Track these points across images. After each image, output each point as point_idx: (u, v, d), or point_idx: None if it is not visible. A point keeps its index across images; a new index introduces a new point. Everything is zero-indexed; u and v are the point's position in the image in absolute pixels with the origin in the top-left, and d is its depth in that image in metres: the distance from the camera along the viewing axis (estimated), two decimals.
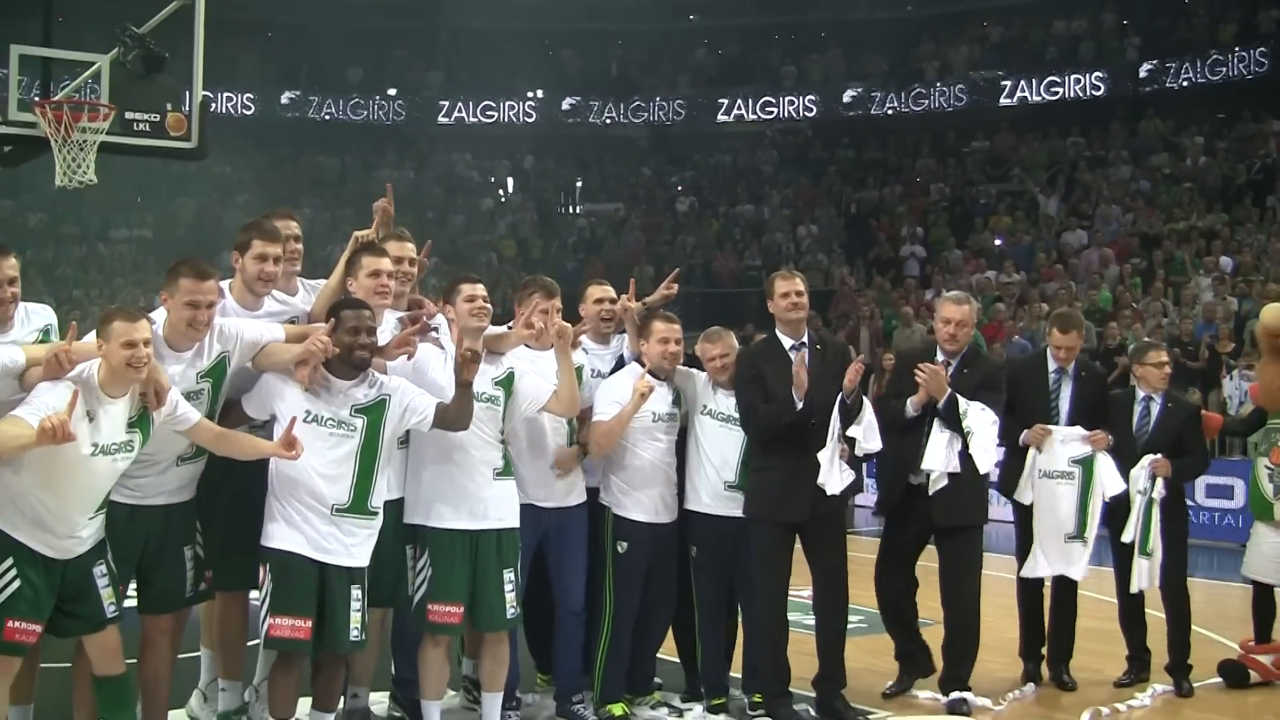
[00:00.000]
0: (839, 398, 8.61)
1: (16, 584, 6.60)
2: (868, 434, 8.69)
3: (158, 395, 6.75)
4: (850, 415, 8.66)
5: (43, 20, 10.33)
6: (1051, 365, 9.74)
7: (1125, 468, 9.49)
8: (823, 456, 8.54)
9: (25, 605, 6.61)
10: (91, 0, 10.67)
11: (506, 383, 7.97)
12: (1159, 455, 9.48)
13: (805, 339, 8.86)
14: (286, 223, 8.09)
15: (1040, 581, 9.82)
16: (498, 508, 7.91)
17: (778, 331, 8.90)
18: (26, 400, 6.50)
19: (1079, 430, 9.54)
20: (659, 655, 9.15)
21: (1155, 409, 9.72)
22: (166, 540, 7.34)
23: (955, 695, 9.18)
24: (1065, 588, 9.82)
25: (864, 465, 9.27)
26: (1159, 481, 9.46)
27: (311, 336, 7.26)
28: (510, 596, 7.90)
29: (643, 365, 8.65)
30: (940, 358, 9.24)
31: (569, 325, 8.06)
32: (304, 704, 7.57)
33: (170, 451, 7.20)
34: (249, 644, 7.96)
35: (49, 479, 6.56)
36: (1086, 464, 9.49)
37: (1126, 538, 9.50)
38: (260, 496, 7.36)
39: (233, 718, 8.01)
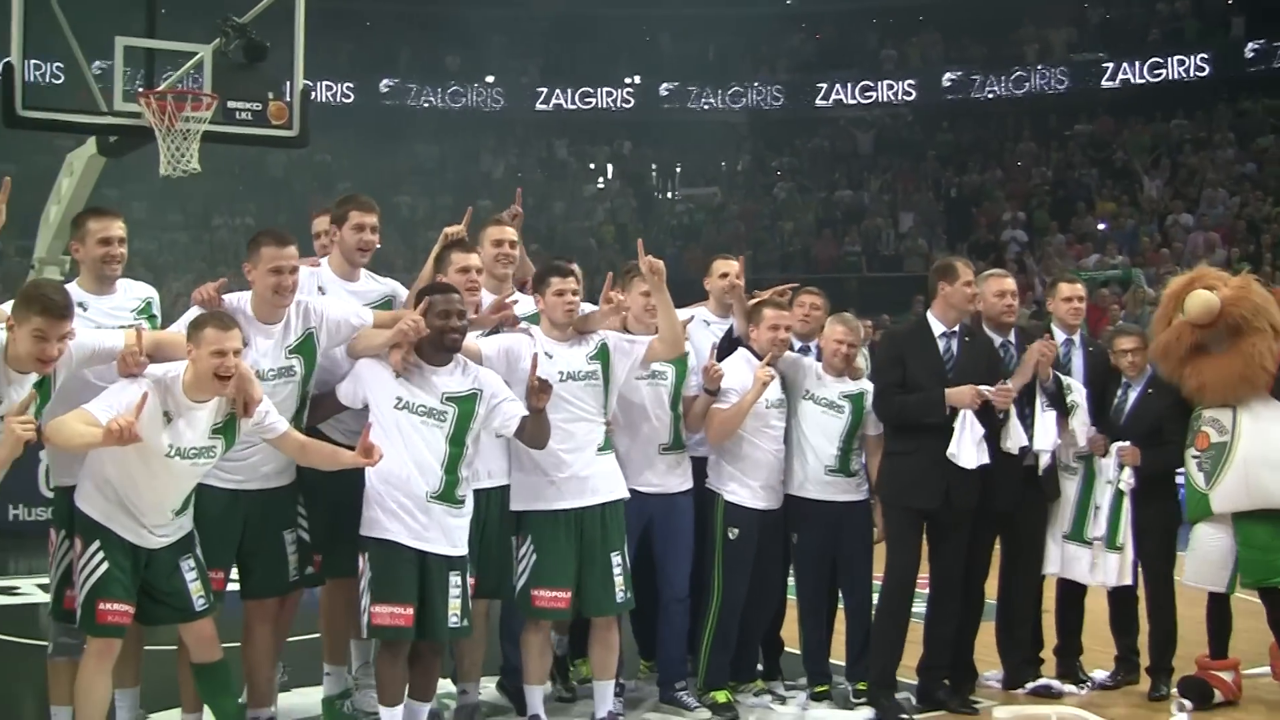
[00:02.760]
0: (1038, 382, 8.75)
1: (105, 566, 6.68)
2: (1015, 432, 8.67)
3: (247, 406, 6.78)
4: (1058, 399, 8.81)
5: (146, 12, 10.41)
6: (1061, 336, 9.37)
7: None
8: (957, 428, 8.47)
9: (116, 588, 6.68)
10: None
11: (602, 354, 8.00)
12: (1128, 443, 9.09)
13: (957, 329, 8.80)
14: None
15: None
16: (602, 482, 7.93)
17: (929, 315, 8.83)
18: (102, 394, 6.59)
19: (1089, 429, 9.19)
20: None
21: (1133, 394, 9.28)
22: (266, 525, 7.40)
23: (1041, 682, 9.16)
24: (1071, 588, 9.47)
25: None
26: (1127, 471, 9.05)
27: (403, 319, 7.29)
28: (619, 580, 7.89)
29: (749, 349, 8.64)
30: (997, 337, 9.02)
31: (660, 261, 8.01)
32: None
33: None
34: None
35: (130, 474, 6.64)
36: (1088, 461, 9.17)
37: (1095, 532, 9.09)
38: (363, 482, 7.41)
39: (336, 702, 8.08)
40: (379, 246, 8.05)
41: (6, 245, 25.00)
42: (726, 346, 8.85)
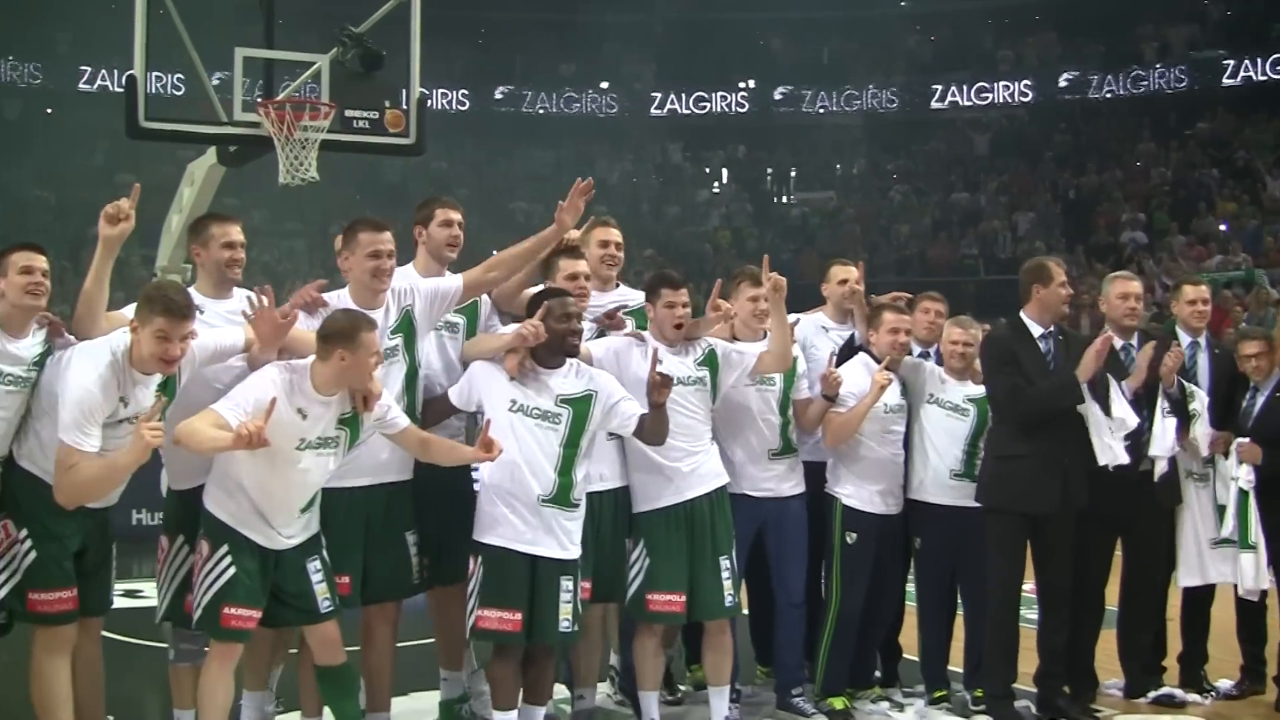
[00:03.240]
0: (1161, 388, 8.70)
1: (232, 571, 6.72)
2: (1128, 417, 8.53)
3: (367, 400, 6.85)
4: (1180, 407, 8.73)
5: (264, 23, 10.51)
6: (1186, 339, 9.20)
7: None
8: (1097, 426, 8.37)
9: (242, 592, 6.73)
10: (311, 2, 10.86)
11: (710, 361, 8.01)
12: (1247, 440, 8.87)
13: (1053, 329, 8.71)
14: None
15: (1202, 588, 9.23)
16: (707, 472, 7.95)
17: (1024, 317, 8.73)
18: (230, 394, 6.66)
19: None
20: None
21: (1261, 398, 9.03)
22: (387, 526, 7.47)
23: (1164, 690, 9.04)
24: (1196, 594, 9.26)
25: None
26: (1246, 468, 8.83)
27: (523, 323, 7.33)
28: (727, 584, 7.89)
29: (869, 353, 8.62)
30: (1119, 340, 8.88)
31: (783, 278, 7.98)
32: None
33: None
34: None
35: (260, 472, 6.69)
36: (1213, 463, 8.99)
37: (1225, 532, 8.88)
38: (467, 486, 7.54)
39: (454, 706, 8.12)
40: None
41: (130, 253, 25.35)
42: (846, 353, 8.82)
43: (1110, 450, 8.33)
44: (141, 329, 6.54)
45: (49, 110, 36.11)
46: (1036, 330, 8.65)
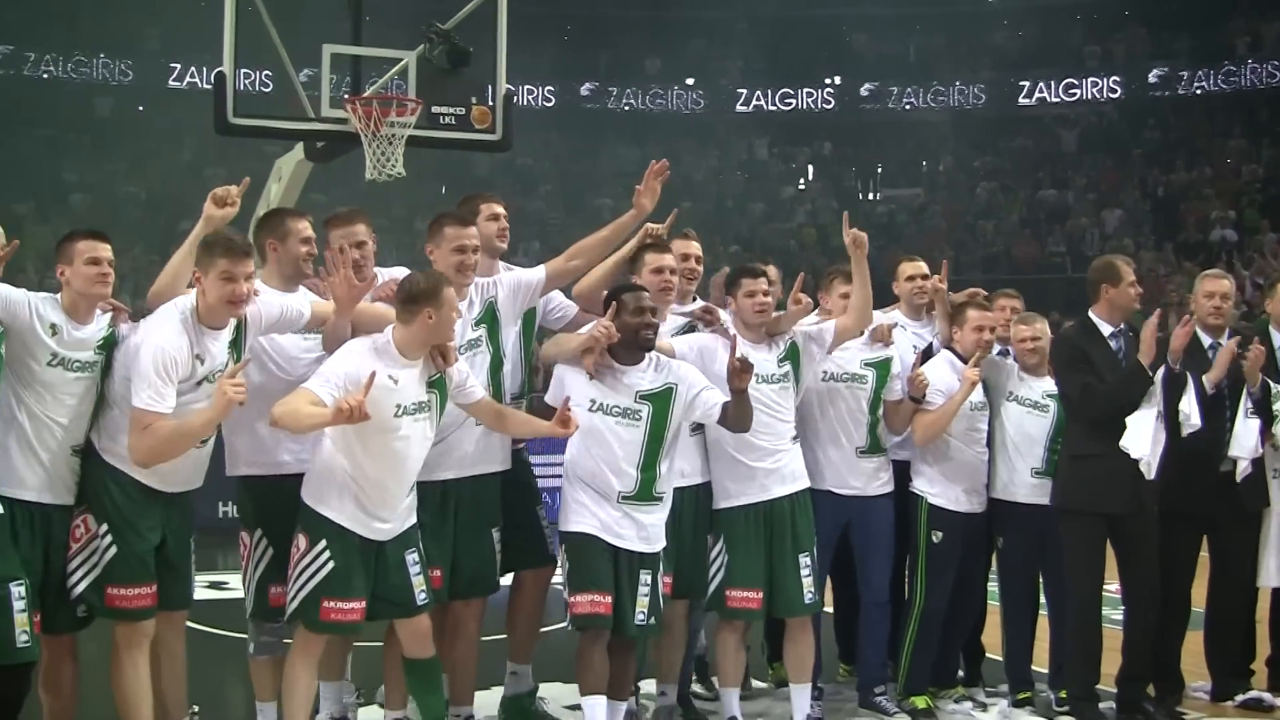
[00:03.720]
0: (1245, 388, 8.59)
1: (331, 565, 6.78)
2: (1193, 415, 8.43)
3: (445, 355, 6.95)
4: (1263, 407, 8.62)
5: (352, 20, 10.57)
6: (1278, 337, 9.04)
7: None
8: (1143, 430, 8.23)
9: (341, 585, 6.79)
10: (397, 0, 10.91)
11: (792, 355, 8.02)
12: None
13: (1122, 327, 8.64)
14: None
15: None
16: (790, 473, 7.94)
17: (1093, 316, 8.65)
18: (319, 371, 6.74)
19: None
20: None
21: None
22: (476, 522, 7.53)
23: (1251, 694, 8.92)
24: None
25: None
26: None
27: (595, 323, 7.36)
28: (807, 581, 7.88)
29: (953, 351, 8.59)
30: (1206, 339, 8.80)
31: (864, 233, 7.99)
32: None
33: (459, 412, 7.37)
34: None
35: (366, 447, 6.75)
36: None
37: None
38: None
39: (524, 700, 8.15)
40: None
41: None
42: (925, 355, 8.80)
43: (1137, 444, 8.23)
44: (206, 277, 6.67)
45: (139, 107, 36.46)
46: (1106, 329, 8.58)
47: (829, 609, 8.64)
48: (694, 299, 8.55)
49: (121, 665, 6.85)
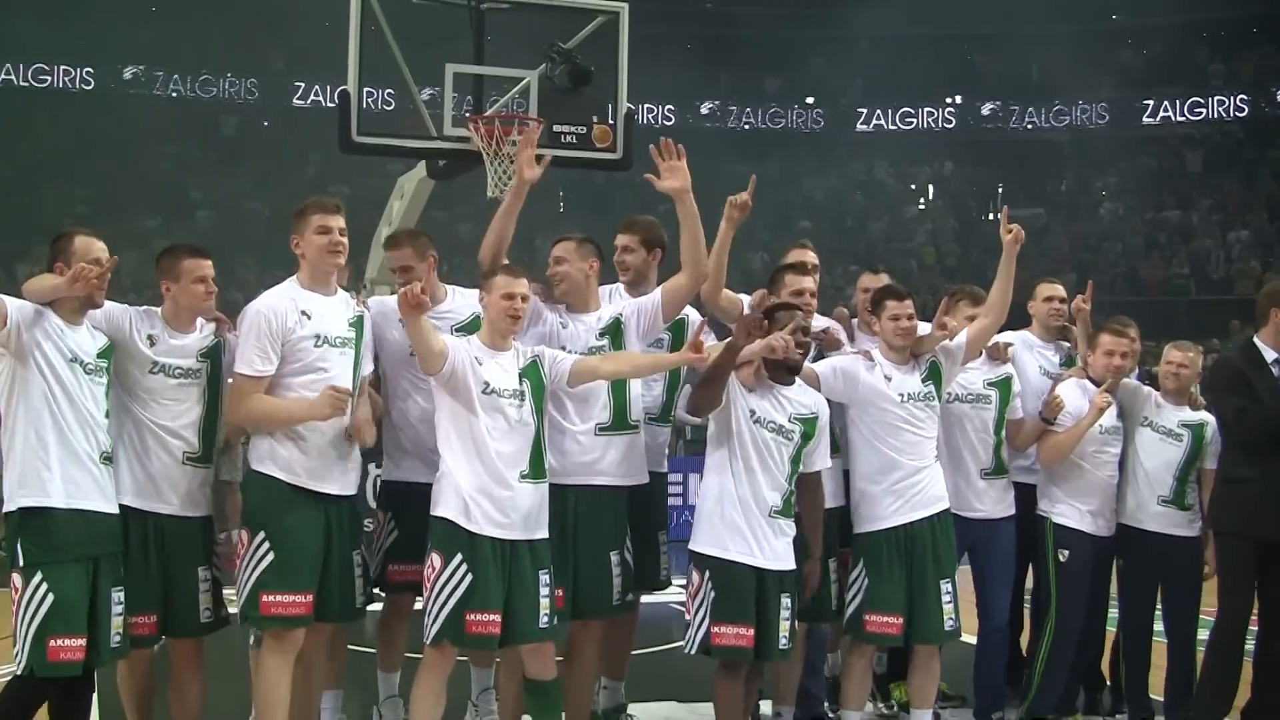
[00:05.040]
0: None
1: (469, 578, 6.81)
2: None
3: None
4: None
5: (474, 39, 10.64)
6: None
7: None
8: None
9: (482, 597, 6.81)
10: (519, 19, 10.94)
11: (934, 374, 7.99)
12: None
13: None
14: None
15: None
16: (932, 495, 7.90)
17: (1257, 341, 8.49)
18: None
19: None
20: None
21: None
22: (596, 542, 7.52)
23: None
24: None
25: None
26: None
27: (773, 335, 7.33)
28: (948, 608, 7.83)
29: (1086, 375, 8.56)
30: None
31: (1023, 230, 8.17)
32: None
33: (590, 415, 7.45)
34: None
35: (464, 427, 6.88)
36: None
37: None
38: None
39: (613, 716, 8.19)
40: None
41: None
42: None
43: None
44: (303, 238, 6.97)
45: (264, 125, 36.94)
46: (1270, 355, 8.41)
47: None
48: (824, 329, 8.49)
49: (265, 671, 6.97)
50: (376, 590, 7.65)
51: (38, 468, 6.51)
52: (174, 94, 35.46)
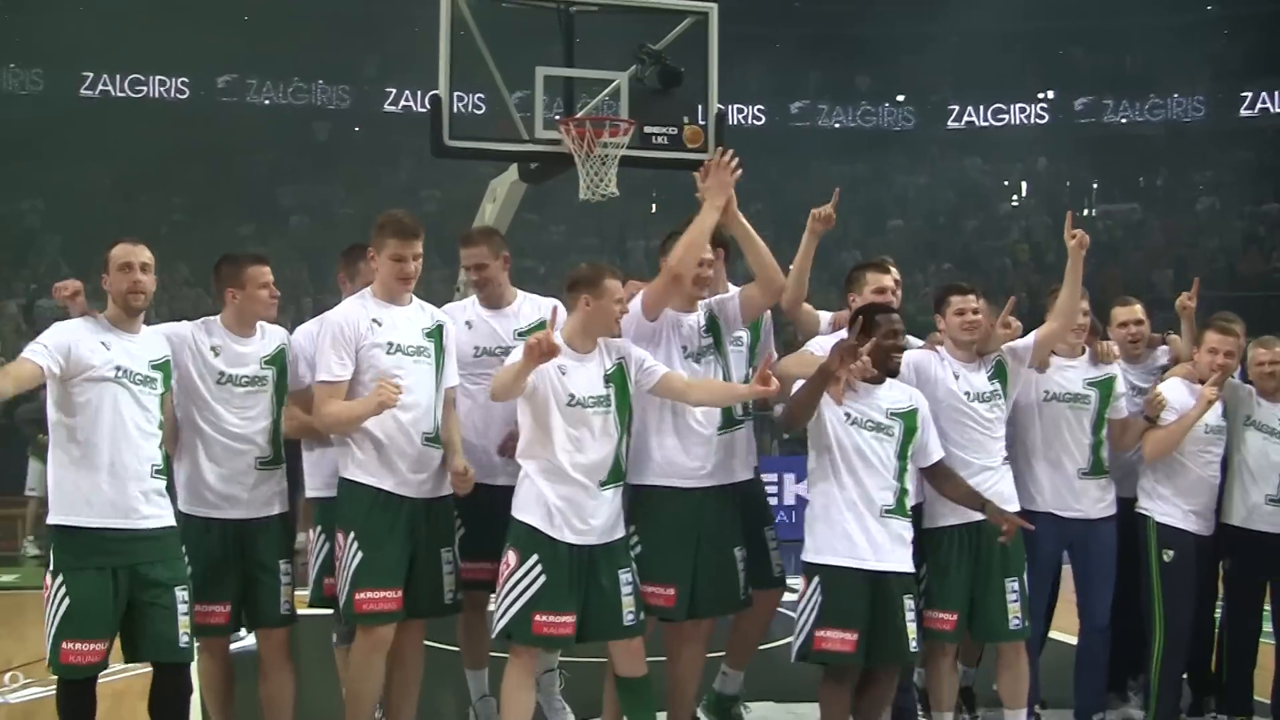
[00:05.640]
0: None
1: (542, 579, 6.85)
2: None
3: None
4: None
5: (564, 42, 10.65)
6: None
7: None
8: None
9: (552, 599, 6.85)
10: (609, 21, 10.93)
11: (1000, 373, 7.95)
12: None
13: None
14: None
15: None
16: (996, 489, 7.79)
17: None
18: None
19: None
20: None
21: None
22: (720, 537, 7.53)
23: None
24: None
25: None
26: None
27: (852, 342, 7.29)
28: (1014, 607, 7.75)
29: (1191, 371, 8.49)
30: None
31: (1087, 236, 8.13)
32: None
33: (714, 416, 7.47)
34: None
35: (547, 438, 6.91)
36: None
37: None
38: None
39: (726, 701, 8.23)
40: None
41: (429, 272, 26.04)
42: None
43: None
44: (379, 260, 7.10)
45: (356, 130, 37.22)
46: None
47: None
48: None
49: (356, 665, 7.19)
50: None
51: (75, 480, 6.66)
52: (267, 102, 35.84)
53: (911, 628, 7.31)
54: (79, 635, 6.58)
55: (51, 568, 6.67)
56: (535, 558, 6.87)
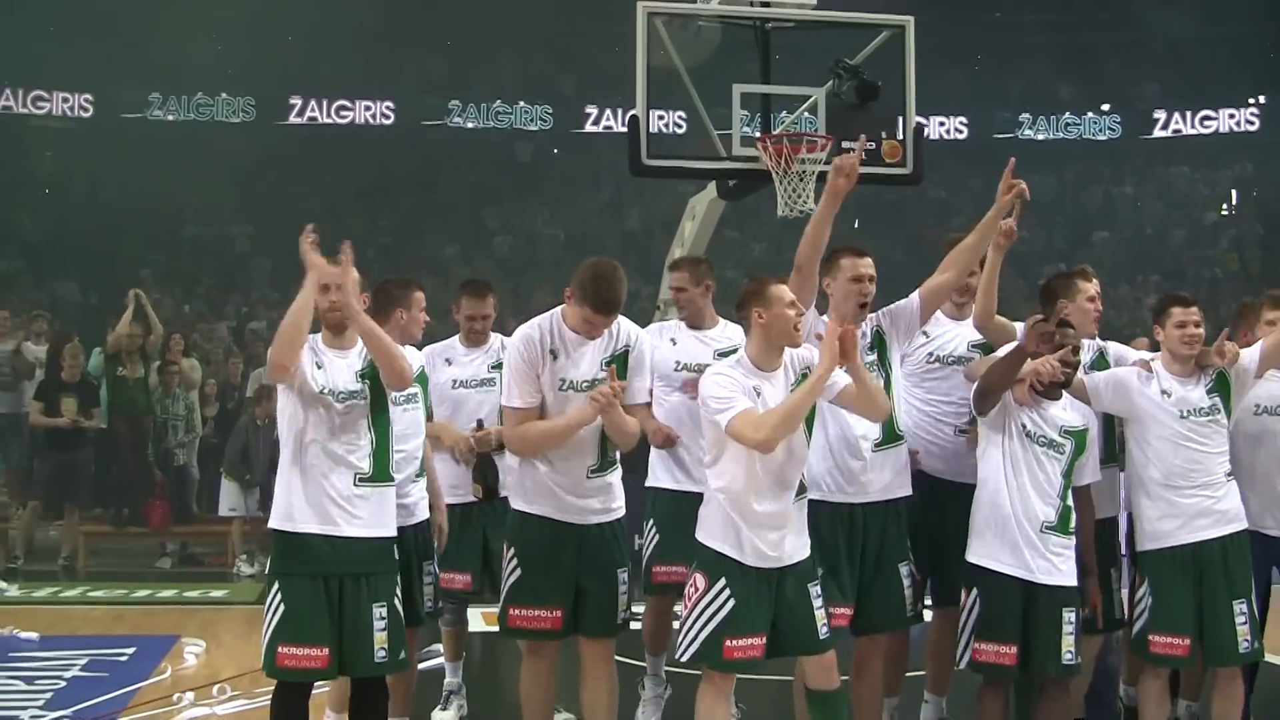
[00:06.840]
0: None
1: (731, 603, 6.78)
2: None
3: None
4: None
5: (761, 59, 10.69)
6: None
7: None
8: None
9: (743, 623, 6.79)
10: (805, 37, 10.94)
11: (1221, 386, 7.73)
12: None
13: None
14: None
15: None
16: (1221, 514, 7.61)
17: None
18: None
19: None
20: None
21: None
22: (884, 554, 7.49)
23: None
24: None
25: None
26: None
27: (1044, 359, 7.22)
28: (1243, 629, 7.54)
29: None
30: None
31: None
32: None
33: (876, 432, 7.42)
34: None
35: (741, 459, 6.76)
36: None
37: None
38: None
39: None
40: None
41: (636, 288, 26.18)
42: None
43: None
44: (575, 304, 7.09)
45: (555, 150, 37.62)
46: None
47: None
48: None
49: (523, 675, 7.44)
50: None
51: (287, 489, 6.96)
52: (470, 125, 36.34)
53: (1069, 640, 7.19)
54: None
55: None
56: (723, 582, 6.78)
